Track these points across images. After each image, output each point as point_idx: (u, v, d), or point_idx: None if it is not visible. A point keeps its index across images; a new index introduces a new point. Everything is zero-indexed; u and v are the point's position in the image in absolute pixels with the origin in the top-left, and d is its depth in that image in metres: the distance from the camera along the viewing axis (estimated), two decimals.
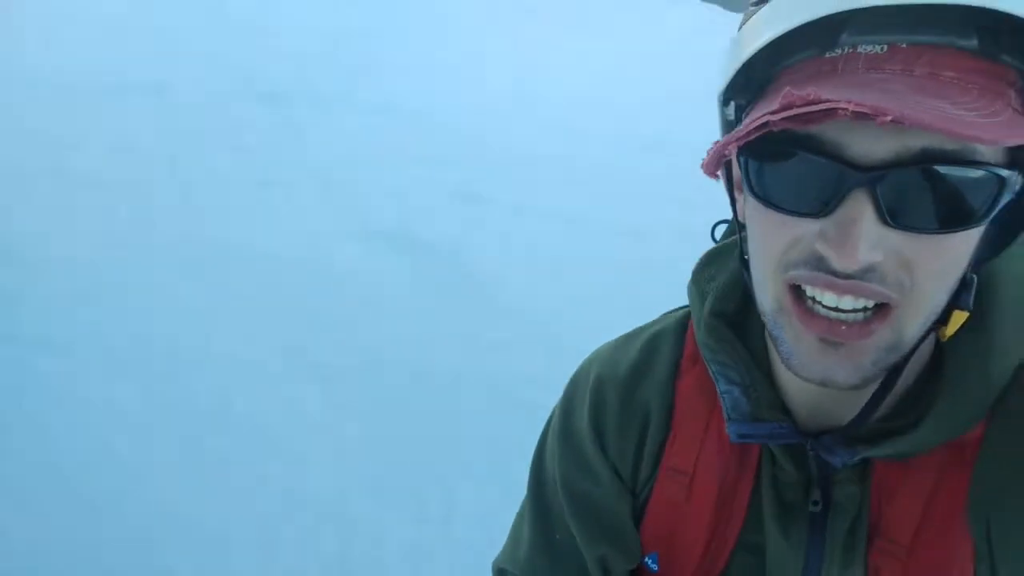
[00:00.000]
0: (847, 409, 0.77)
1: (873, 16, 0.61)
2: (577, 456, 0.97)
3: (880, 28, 0.61)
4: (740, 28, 0.70)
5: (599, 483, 0.94)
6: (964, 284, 0.69)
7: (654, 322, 1.01)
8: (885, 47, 0.61)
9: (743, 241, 0.76)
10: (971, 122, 0.56)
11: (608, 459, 0.94)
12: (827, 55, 0.63)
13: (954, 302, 0.69)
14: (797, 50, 0.65)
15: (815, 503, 0.79)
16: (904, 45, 0.61)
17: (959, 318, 0.70)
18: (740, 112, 0.73)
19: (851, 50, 0.62)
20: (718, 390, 0.83)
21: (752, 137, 0.62)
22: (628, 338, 1.00)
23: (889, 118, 0.54)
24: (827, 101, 0.56)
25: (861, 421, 0.74)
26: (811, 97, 0.57)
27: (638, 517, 0.92)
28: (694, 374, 0.90)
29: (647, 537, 0.91)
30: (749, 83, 0.70)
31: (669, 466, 0.89)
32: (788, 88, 0.60)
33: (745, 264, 0.77)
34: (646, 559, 0.91)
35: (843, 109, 0.55)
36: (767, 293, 0.71)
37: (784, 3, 0.64)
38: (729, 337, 0.84)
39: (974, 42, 0.60)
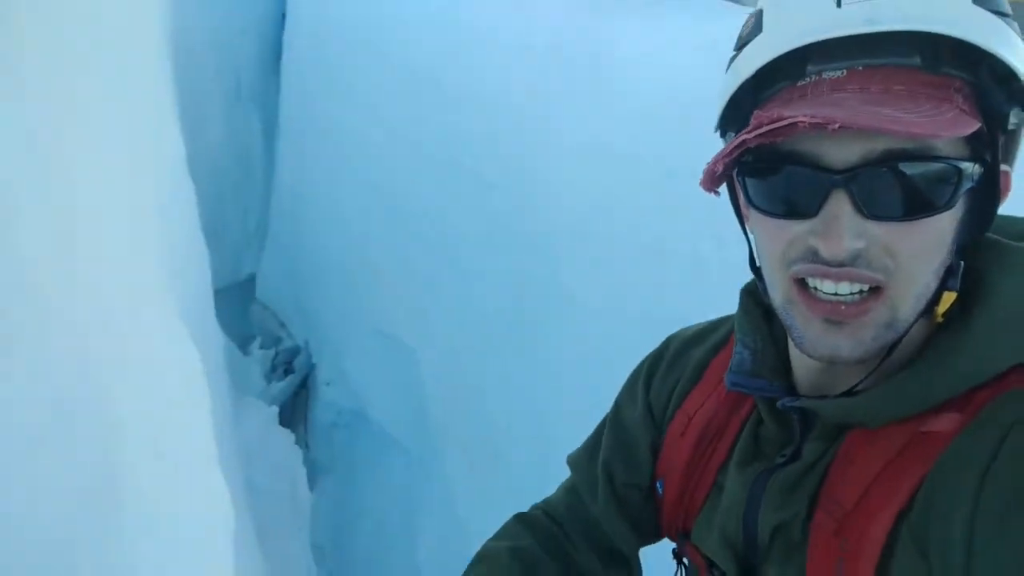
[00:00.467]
0: (845, 387, 0.85)
1: (831, 47, 0.74)
2: (632, 385, 1.17)
3: (838, 57, 0.74)
4: (726, 71, 0.84)
5: (635, 409, 1.14)
6: (952, 269, 0.78)
7: None
8: (844, 72, 0.74)
9: (752, 251, 0.88)
10: (909, 121, 0.68)
11: (648, 396, 1.12)
12: (798, 83, 0.76)
13: (943, 285, 0.78)
14: (774, 82, 0.78)
15: (782, 455, 0.89)
16: (860, 68, 0.74)
17: (948, 298, 0.78)
18: None
19: (817, 77, 0.75)
20: (733, 351, 0.96)
21: (734, 155, 0.76)
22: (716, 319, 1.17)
23: (836, 125, 0.68)
24: (788, 117, 0.70)
25: (848, 393, 0.82)
26: (775, 116, 0.72)
27: (658, 448, 1.09)
28: (731, 349, 1.02)
29: (661, 465, 1.07)
30: (737, 115, 0.83)
31: (683, 409, 1.05)
32: (757, 111, 0.75)
33: (757, 273, 0.88)
34: (657, 483, 1.09)
35: (801, 122, 0.69)
36: (777, 290, 0.82)
37: (756, 46, 0.79)
38: (753, 311, 0.97)
39: (917, 60, 0.73)
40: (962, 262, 0.79)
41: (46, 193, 1.82)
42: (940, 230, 0.75)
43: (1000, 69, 0.73)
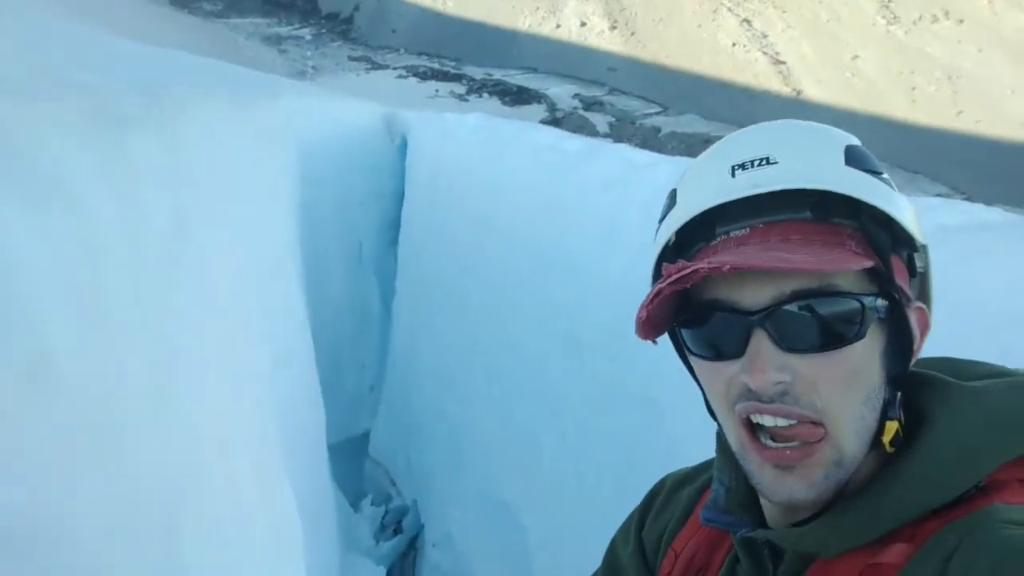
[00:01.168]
0: (804, 519, 0.89)
1: (734, 210, 0.85)
2: (627, 525, 1.20)
3: (741, 217, 0.85)
4: (655, 239, 0.95)
5: (627, 548, 1.16)
6: (890, 401, 0.85)
7: None
8: (747, 229, 0.85)
9: (705, 398, 0.95)
10: (797, 260, 0.79)
11: (641, 535, 1.15)
12: (711, 243, 0.88)
13: (884, 416, 0.84)
14: (693, 245, 0.90)
15: None
16: (760, 225, 0.85)
17: (891, 428, 0.84)
18: None
19: (725, 236, 0.86)
20: (712, 488, 1.00)
21: (653, 303, 0.86)
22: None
23: (727, 267, 0.79)
24: (690, 266, 0.82)
25: (804, 523, 0.87)
26: (681, 266, 0.83)
27: None
28: None
29: None
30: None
31: (672, 548, 1.07)
32: (665, 264, 0.87)
33: (714, 417, 0.94)
34: None
35: (701, 268, 0.80)
36: (732, 434, 0.88)
37: (672, 217, 0.91)
38: (728, 450, 0.99)
39: (808, 214, 0.84)
40: (899, 393, 0.86)
41: (147, 319, 1.86)
42: (857, 362, 0.82)
43: (879, 215, 0.83)
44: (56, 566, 1.28)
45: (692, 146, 8.79)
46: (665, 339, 0.96)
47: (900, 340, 0.86)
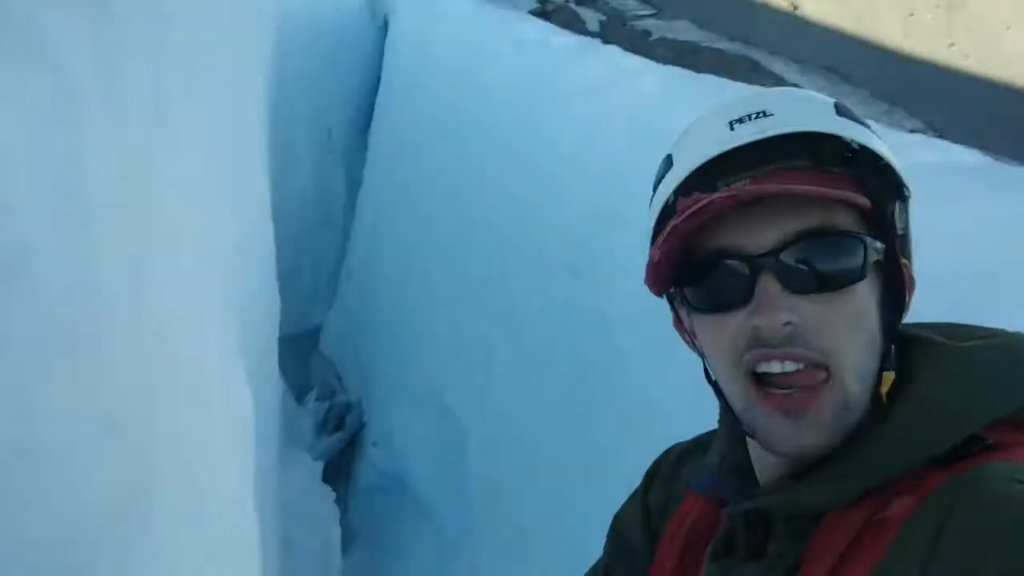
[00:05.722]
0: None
1: (733, 163, 0.87)
2: (634, 492, 1.22)
3: (740, 168, 0.87)
4: (651, 204, 0.97)
5: (635, 513, 1.18)
6: (886, 351, 0.87)
7: None
8: (748, 180, 0.86)
9: (706, 365, 0.96)
10: (807, 188, 0.82)
11: (647, 500, 1.17)
12: (714, 195, 0.86)
13: (882, 367, 0.86)
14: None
15: (747, 552, 0.92)
16: (760, 175, 0.86)
17: (887, 379, 0.86)
18: None
19: (726, 187, 0.87)
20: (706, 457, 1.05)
21: (665, 243, 0.87)
22: None
23: (744, 195, 0.82)
24: (704, 198, 0.84)
25: (780, 485, 0.90)
26: (696, 198, 0.86)
27: (653, 550, 1.12)
28: None
29: (655, 567, 1.10)
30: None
31: (679, 511, 1.08)
32: (681, 198, 0.90)
33: (715, 386, 0.94)
34: None
35: (718, 198, 0.83)
36: (735, 395, 0.89)
37: (670, 177, 0.93)
38: (726, 418, 1.03)
39: (805, 161, 0.86)
40: (893, 346, 0.88)
41: (126, 204, 1.81)
42: (859, 304, 0.85)
43: (872, 161, 0.87)
44: (26, 462, 1.24)
45: (682, 54, 8.56)
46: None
47: (894, 288, 0.89)
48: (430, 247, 7.09)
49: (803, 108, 0.90)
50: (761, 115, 0.88)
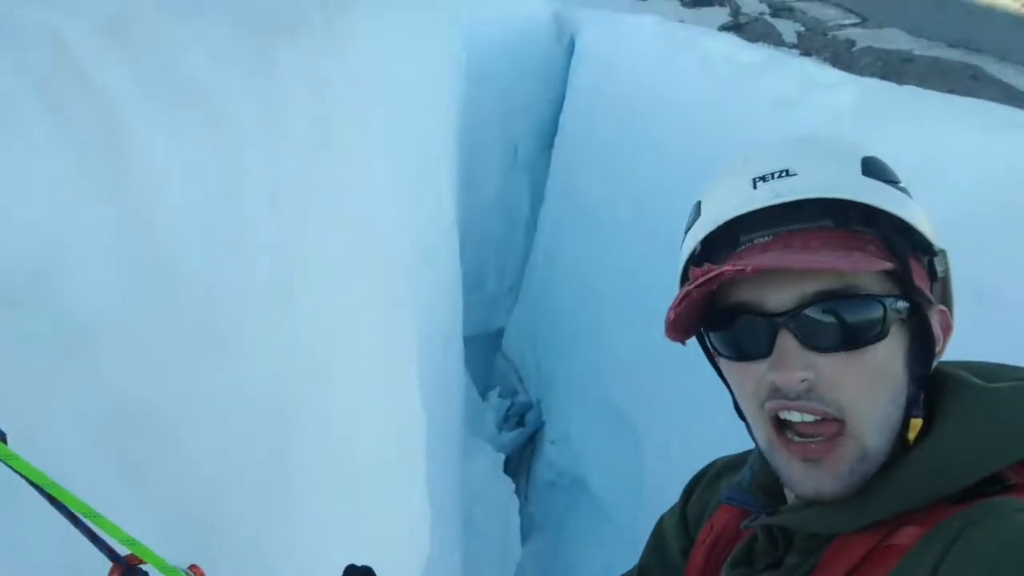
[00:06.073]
0: None
1: (758, 220, 0.90)
2: (676, 503, 1.28)
3: (764, 226, 0.90)
4: (681, 247, 1.00)
5: (673, 517, 1.26)
6: (914, 398, 0.87)
7: None
8: (771, 237, 0.89)
9: (735, 402, 0.98)
10: (817, 260, 0.83)
11: (687, 507, 1.23)
12: (736, 251, 0.92)
13: (908, 413, 0.87)
14: (717, 252, 0.94)
15: (765, 564, 0.98)
16: (784, 233, 0.89)
17: (915, 425, 0.87)
18: None
19: (749, 244, 0.91)
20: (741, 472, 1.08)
21: (680, 306, 0.90)
22: None
23: (750, 268, 0.83)
24: (715, 269, 0.86)
25: (798, 507, 0.93)
26: (707, 269, 0.88)
27: (687, 554, 1.18)
28: None
29: (689, 570, 1.15)
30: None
31: (711, 520, 1.14)
32: (692, 267, 0.93)
33: (743, 418, 0.97)
34: None
35: (727, 271, 0.85)
36: (760, 432, 0.92)
37: (697, 227, 0.96)
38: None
39: (829, 222, 0.88)
40: (922, 392, 0.88)
41: (280, 230, 1.94)
42: (880, 361, 0.85)
43: (897, 222, 0.87)
44: (171, 459, 1.39)
45: (889, 64, 7.80)
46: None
47: (922, 341, 0.89)
48: (609, 262, 7.31)
49: (828, 168, 0.89)
50: (784, 174, 0.89)
